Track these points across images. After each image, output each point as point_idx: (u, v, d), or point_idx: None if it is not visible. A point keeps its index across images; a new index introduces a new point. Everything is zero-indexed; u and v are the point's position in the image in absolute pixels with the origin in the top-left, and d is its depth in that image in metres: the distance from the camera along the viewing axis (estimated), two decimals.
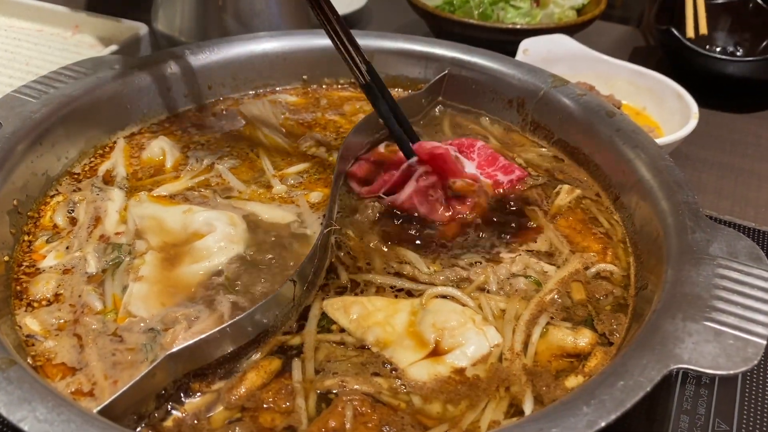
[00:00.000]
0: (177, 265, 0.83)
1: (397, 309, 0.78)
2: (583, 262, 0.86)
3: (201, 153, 1.03)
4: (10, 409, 0.55)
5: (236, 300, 0.78)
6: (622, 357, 0.64)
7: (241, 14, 1.27)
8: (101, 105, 1.01)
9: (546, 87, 1.08)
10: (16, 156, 0.87)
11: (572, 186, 0.99)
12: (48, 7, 1.52)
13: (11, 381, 0.57)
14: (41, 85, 0.99)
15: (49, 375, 0.69)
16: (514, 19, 1.54)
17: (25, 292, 0.79)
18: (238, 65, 1.16)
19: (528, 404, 0.69)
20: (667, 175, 0.87)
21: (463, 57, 1.16)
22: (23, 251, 0.84)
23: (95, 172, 0.98)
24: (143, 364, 0.70)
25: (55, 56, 1.40)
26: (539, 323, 0.78)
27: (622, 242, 0.90)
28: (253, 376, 0.69)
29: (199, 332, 0.71)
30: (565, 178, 1.01)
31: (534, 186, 0.99)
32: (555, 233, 0.91)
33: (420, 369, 0.72)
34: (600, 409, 0.58)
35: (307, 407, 0.67)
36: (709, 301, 0.68)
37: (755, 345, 0.63)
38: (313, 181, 0.99)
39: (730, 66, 1.48)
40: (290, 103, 1.18)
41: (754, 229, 1.14)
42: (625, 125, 0.97)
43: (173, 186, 0.96)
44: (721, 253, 0.74)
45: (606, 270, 0.85)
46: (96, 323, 0.75)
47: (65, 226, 0.88)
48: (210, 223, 0.88)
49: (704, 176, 1.30)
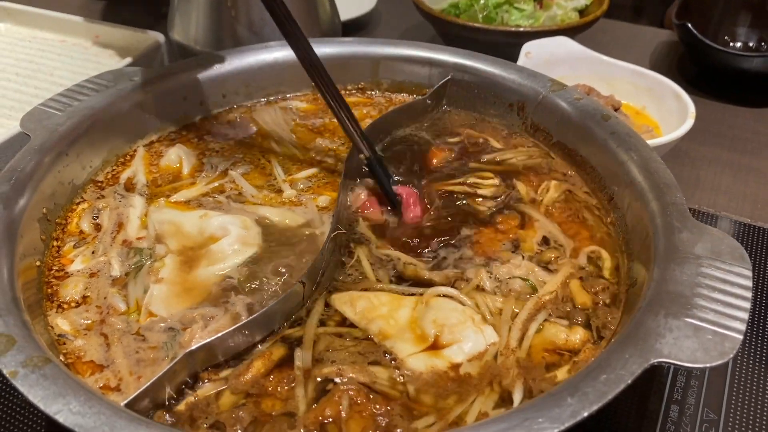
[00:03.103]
0: (194, 268, 0.89)
1: (400, 304, 0.83)
2: (576, 265, 0.90)
3: (216, 160, 1.09)
4: (47, 402, 0.61)
5: (249, 300, 0.83)
6: (607, 351, 0.68)
7: (252, 24, 1.33)
8: (122, 115, 1.07)
9: (545, 91, 1.12)
10: (44, 167, 0.93)
11: (559, 181, 1.04)
12: (69, 18, 1.58)
13: (47, 377, 0.63)
14: (65, 98, 1.05)
15: (79, 371, 0.75)
16: (517, 21, 1.58)
17: (56, 295, 0.85)
18: (250, 74, 1.21)
19: (517, 395, 0.73)
20: (657, 177, 0.91)
21: (466, 62, 1.20)
22: (53, 256, 0.90)
23: (117, 179, 1.04)
24: (164, 361, 0.76)
25: (77, 66, 1.47)
26: (536, 320, 0.82)
27: (616, 242, 0.94)
28: (259, 364, 0.75)
29: (215, 331, 0.77)
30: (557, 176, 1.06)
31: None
32: (553, 225, 0.95)
33: (418, 360, 0.76)
34: (583, 401, 0.62)
35: (306, 395, 0.72)
36: (691, 298, 0.72)
37: (732, 340, 0.67)
38: (322, 185, 1.05)
39: (746, 62, 1.50)
40: (300, 109, 1.23)
41: (749, 225, 1.17)
42: (620, 128, 1.01)
43: (190, 192, 1.02)
44: (705, 252, 0.77)
45: (595, 252, 0.90)
46: (121, 323, 0.81)
47: (90, 231, 0.94)
48: (225, 227, 0.93)
49: (702, 173, 1.33)
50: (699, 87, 1.58)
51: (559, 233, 0.95)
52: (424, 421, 0.70)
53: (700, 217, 1.20)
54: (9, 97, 1.36)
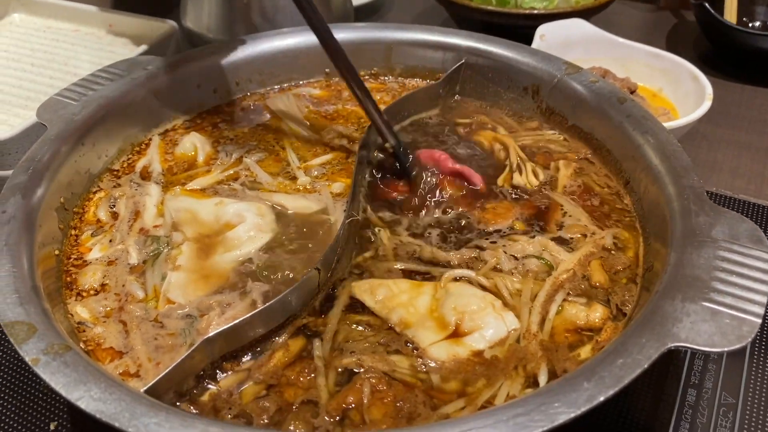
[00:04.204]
0: (211, 255, 0.89)
1: (420, 291, 0.83)
2: (596, 243, 0.90)
3: (230, 147, 1.09)
4: (69, 389, 0.62)
5: (265, 287, 0.84)
6: (623, 336, 0.68)
7: (265, 10, 1.33)
8: (136, 104, 1.08)
9: (560, 74, 1.11)
10: (61, 156, 0.94)
11: (567, 160, 1.04)
12: (83, 7, 1.58)
13: (68, 364, 0.64)
14: (81, 87, 1.05)
15: (99, 358, 0.76)
16: (531, 4, 1.57)
17: (75, 283, 0.86)
18: (263, 61, 1.21)
19: (543, 377, 0.73)
20: (674, 160, 0.90)
21: (480, 46, 1.19)
22: (71, 245, 0.91)
23: (133, 168, 1.05)
24: (182, 348, 0.77)
25: (91, 55, 1.47)
26: (556, 300, 0.82)
27: (632, 225, 0.93)
28: (279, 355, 0.75)
29: (232, 318, 0.78)
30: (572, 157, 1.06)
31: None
32: (573, 204, 0.96)
33: (440, 349, 0.76)
34: (600, 385, 0.62)
35: (327, 384, 0.73)
36: (709, 282, 0.71)
37: (750, 323, 0.67)
38: (336, 172, 1.05)
39: (765, 41, 1.48)
40: (313, 96, 1.23)
41: (767, 207, 1.16)
42: (636, 111, 1.00)
43: (205, 180, 1.03)
44: (722, 235, 0.77)
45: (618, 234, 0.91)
46: (139, 310, 0.82)
47: (108, 220, 0.95)
48: (240, 214, 0.94)
49: (720, 155, 1.32)
50: (716, 68, 1.56)
51: (582, 213, 0.95)
52: (453, 406, 0.71)
53: (717, 200, 1.19)
54: (25, 87, 1.37)
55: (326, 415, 0.69)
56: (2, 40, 1.55)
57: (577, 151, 1.07)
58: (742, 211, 1.17)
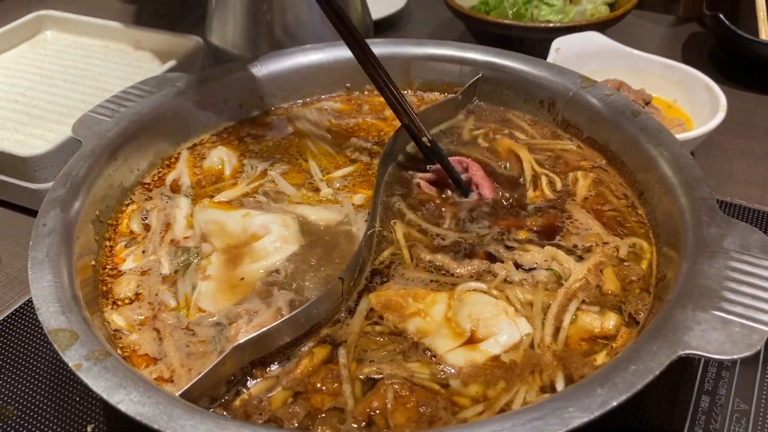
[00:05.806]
0: (238, 265, 0.93)
1: (435, 300, 0.86)
2: (608, 254, 0.92)
3: (255, 161, 1.13)
4: (110, 393, 0.65)
5: (291, 295, 0.88)
6: (636, 343, 0.71)
7: (288, 27, 1.37)
8: (166, 120, 1.12)
9: (575, 88, 1.14)
10: (95, 171, 0.98)
11: (585, 171, 1.07)
12: (111, 24, 1.64)
13: (108, 369, 0.68)
14: (113, 104, 1.10)
15: (135, 364, 0.80)
16: (547, 17, 1.59)
17: (110, 292, 0.90)
18: (286, 77, 1.25)
19: (560, 383, 0.76)
20: (687, 172, 0.92)
21: (496, 60, 1.23)
22: (106, 255, 0.95)
23: (163, 181, 1.09)
24: (213, 354, 0.80)
25: (120, 71, 1.52)
26: (569, 310, 0.84)
27: (646, 235, 0.96)
28: (306, 362, 0.79)
29: (259, 326, 0.81)
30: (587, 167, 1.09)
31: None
32: (589, 217, 0.99)
33: (457, 356, 0.79)
34: (613, 391, 0.64)
35: (353, 391, 0.76)
36: (719, 292, 0.73)
37: (760, 332, 0.69)
38: (357, 184, 1.08)
39: None
40: (335, 109, 1.27)
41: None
42: (650, 124, 1.02)
43: (232, 192, 1.07)
44: (733, 246, 0.79)
45: (636, 243, 0.94)
46: (171, 318, 0.86)
47: (140, 232, 0.99)
48: (266, 226, 0.97)
49: (735, 165, 1.33)
50: (731, 78, 1.58)
51: (595, 223, 0.97)
52: (472, 410, 0.74)
53: (732, 210, 1.21)
54: (58, 102, 1.42)
55: (353, 421, 0.73)
56: (36, 57, 1.61)
57: (593, 159, 1.10)
58: (756, 221, 1.18)
